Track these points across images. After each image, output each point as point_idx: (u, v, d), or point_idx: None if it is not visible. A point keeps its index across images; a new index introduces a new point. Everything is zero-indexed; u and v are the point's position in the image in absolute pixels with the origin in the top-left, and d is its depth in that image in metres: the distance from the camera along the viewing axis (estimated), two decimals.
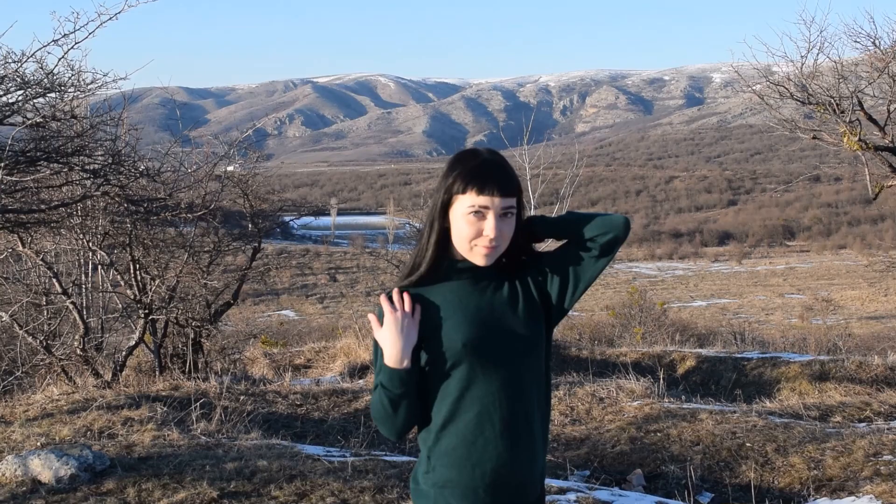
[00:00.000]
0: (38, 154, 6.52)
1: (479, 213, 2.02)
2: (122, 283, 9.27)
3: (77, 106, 6.94)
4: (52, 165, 6.78)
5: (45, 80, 6.27)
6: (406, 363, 2.03)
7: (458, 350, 2.02)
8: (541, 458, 2.14)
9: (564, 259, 2.15)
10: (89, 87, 6.52)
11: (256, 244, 11.17)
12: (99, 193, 7.20)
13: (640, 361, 11.02)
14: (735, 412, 6.97)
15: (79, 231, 8.75)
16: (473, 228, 2.03)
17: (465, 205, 2.03)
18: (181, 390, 7.76)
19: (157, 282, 9.12)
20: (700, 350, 11.95)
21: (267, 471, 5.06)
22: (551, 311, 2.15)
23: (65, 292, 8.83)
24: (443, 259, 2.12)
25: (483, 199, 2.02)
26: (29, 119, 6.28)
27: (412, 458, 5.68)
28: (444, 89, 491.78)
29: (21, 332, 8.87)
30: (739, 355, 11.04)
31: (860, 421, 7.14)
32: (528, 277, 2.15)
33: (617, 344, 14.61)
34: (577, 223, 2.14)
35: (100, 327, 10.26)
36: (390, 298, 2.07)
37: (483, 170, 2.05)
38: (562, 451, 6.32)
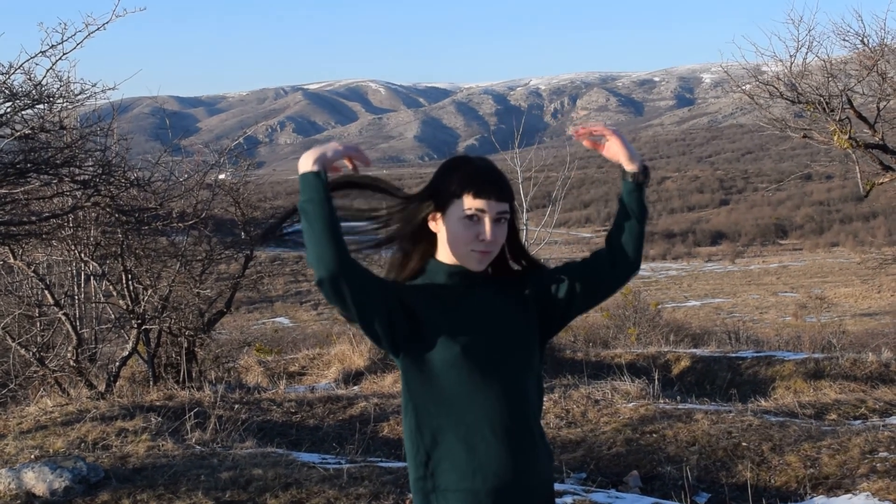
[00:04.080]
0: (28, 166, 6.50)
1: (475, 217, 2.02)
2: (115, 293, 9.23)
3: (66, 117, 6.92)
4: (41, 177, 6.76)
5: (34, 91, 6.25)
6: (316, 167, 1.99)
7: (457, 354, 2.01)
8: (544, 462, 2.13)
9: (575, 272, 2.15)
10: (78, 97, 6.51)
11: (249, 252, 11.12)
12: (89, 204, 7.18)
13: (635, 363, 11.02)
14: (731, 412, 6.97)
15: (70, 242, 8.72)
16: (469, 232, 2.02)
17: (460, 208, 2.02)
18: (175, 400, 7.73)
19: (149, 291, 9.09)
20: (695, 350, 11.95)
21: (262, 479, 5.04)
22: (551, 320, 2.15)
23: (57, 304, 8.79)
24: (429, 261, 2.12)
25: (480, 203, 2.01)
26: (18, 131, 6.26)
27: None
28: (435, 94, 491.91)
29: (14, 344, 8.82)
30: (734, 355, 11.05)
31: (855, 418, 7.14)
32: (523, 285, 2.14)
33: (611, 345, 14.63)
34: (626, 225, 2.16)
35: (93, 338, 10.21)
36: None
37: (479, 174, 2.05)
38: (558, 454, 6.30)
